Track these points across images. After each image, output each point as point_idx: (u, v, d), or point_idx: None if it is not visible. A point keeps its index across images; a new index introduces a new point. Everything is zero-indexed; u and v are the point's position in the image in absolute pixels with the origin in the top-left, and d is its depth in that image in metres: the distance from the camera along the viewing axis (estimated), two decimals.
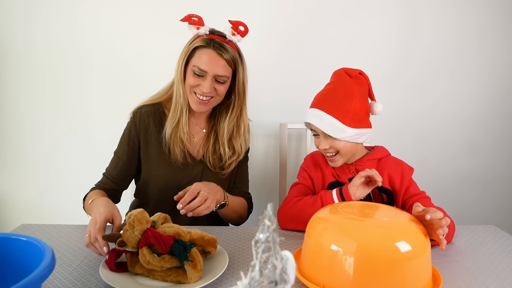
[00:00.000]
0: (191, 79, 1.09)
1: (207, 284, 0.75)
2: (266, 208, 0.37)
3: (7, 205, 1.79)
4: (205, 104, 1.12)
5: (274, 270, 0.37)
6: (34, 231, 1.03)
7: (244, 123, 1.22)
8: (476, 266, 0.87)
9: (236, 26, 1.10)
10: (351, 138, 1.02)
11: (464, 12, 1.69)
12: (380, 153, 1.10)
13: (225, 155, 1.20)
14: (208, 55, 1.07)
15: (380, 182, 0.95)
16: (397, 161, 1.09)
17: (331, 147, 1.04)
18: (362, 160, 1.08)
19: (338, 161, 1.06)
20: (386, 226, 0.76)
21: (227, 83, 1.12)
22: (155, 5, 1.64)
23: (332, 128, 1.01)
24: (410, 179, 1.06)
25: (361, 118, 1.03)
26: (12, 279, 0.57)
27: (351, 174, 1.07)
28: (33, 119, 1.72)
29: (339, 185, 1.06)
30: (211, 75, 1.07)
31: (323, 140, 1.04)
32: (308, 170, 1.15)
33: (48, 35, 1.65)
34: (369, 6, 1.67)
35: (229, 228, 1.08)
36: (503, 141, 1.80)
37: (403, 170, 1.05)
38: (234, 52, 1.11)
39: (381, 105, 1.09)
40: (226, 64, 1.08)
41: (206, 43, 1.08)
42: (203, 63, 1.06)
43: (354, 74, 1.05)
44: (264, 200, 1.81)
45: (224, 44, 1.08)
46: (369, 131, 1.06)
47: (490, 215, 1.85)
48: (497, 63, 1.74)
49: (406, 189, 1.04)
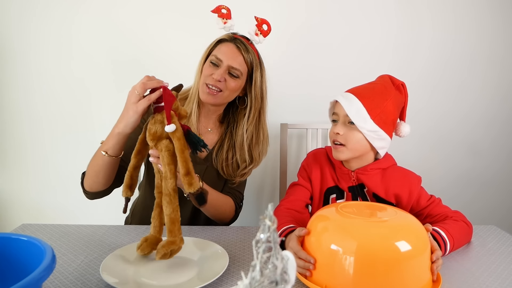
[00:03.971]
0: (207, 69, 1.12)
1: (207, 284, 0.75)
2: (267, 208, 0.37)
3: (8, 205, 1.80)
4: (213, 96, 1.11)
5: (275, 270, 0.37)
6: (34, 231, 1.03)
7: (264, 130, 1.21)
8: (476, 266, 0.87)
9: (261, 24, 1.14)
10: (369, 133, 0.97)
11: (463, 11, 1.69)
12: (386, 162, 1.04)
13: (242, 163, 1.18)
14: (228, 47, 1.11)
15: None
16: (404, 172, 1.03)
17: (345, 134, 0.99)
18: (365, 168, 1.01)
19: (342, 153, 1.00)
20: (386, 225, 0.76)
21: (240, 80, 1.12)
22: (156, 4, 1.64)
23: (357, 114, 0.96)
24: (419, 190, 1.00)
25: (386, 121, 0.99)
26: (12, 279, 0.57)
27: (351, 182, 1.03)
28: (33, 119, 1.72)
29: (337, 191, 1.05)
30: (225, 65, 1.10)
31: (340, 124, 1.00)
32: (308, 169, 1.12)
33: (48, 35, 1.65)
34: (371, 7, 1.67)
35: (229, 228, 1.08)
36: (502, 140, 1.81)
37: (411, 184, 0.99)
38: (254, 55, 1.14)
39: (408, 127, 1.05)
40: (243, 61, 1.12)
41: (229, 38, 1.13)
42: (221, 53, 1.11)
43: (397, 83, 1.03)
44: (265, 200, 1.81)
45: (246, 44, 1.12)
46: (388, 140, 1.00)
47: (488, 215, 1.85)
48: (497, 63, 1.74)
49: (416, 202, 1.00)
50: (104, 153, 0.95)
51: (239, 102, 1.20)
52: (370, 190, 1.01)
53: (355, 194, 1.03)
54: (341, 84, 1.28)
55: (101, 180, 1.01)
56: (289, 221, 0.95)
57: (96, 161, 0.99)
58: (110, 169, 0.99)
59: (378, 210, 0.84)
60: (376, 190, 1.00)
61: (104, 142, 0.97)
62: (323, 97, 1.71)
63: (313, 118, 1.73)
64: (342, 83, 1.28)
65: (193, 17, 1.65)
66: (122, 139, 0.94)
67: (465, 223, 0.97)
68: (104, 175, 1.00)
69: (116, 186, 1.08)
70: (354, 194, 1.03)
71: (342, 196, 1.05)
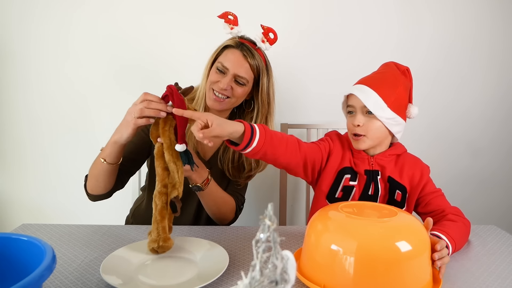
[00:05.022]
0: (213, 75, 1.12)
1: (207, 284, 0.75)
2: (267, 208, 0.37)
3: (8, 205, 1.80)
4: (220, 103, 1.12)
5: (275, 270, 0.37)
6: (34, 231, 1.03)
7: None
8: (476, 266, 0.87)
9: (267, 32, 1.13)
10: (387, 121, 1.01)
11: (463, 11, 1.69)
12: (399, 149, 1.09)
13: (248, 165, 1.19)
14: (234, 55, 1.11)
15: None
16: (415, 158, 1.09)
17: (365, 125, 1.01)
18: (384, 154, 1.05)
19: (364, 142, 1.03)
20: (387, 225, 0.76)
21: (246, 87, 1.13)
22: (157, 5, 1.64)
23: (375, 104, 1.00)
24: (428, 177, 1.06)
25: (400, 106, 1.03)
26: (12, 279, 0.57)
27: (369, 166, 1.05)
28: (33, 119, 1.72)
29: (352, 173, 1.05)
30: (231, 73, 1.10)
31: (359, 115, 1.02)
32: (331, 143, 1.10)
33: (48, 35, 1.65)
34: (371, 6, 1.67)
35: (229, 228, 1.08)
36: (500, 139, 1.81)
37: (423, 169, 1.05)
38: (261, 60, 1.13)
39: (416, 108, 1.08)
40: (249, 68, 1.11)
41: (235, 44, 1.12)
42: (227, 61, 1.11)
43: (402, 68, 1.07)
44: (264, 200, 1.81)
45: (252, 50, 1.12)
46: (403, 124, 1.05)
47: (486, 213, 1.85)
48: (496, 61, 1.74)
49: (423, 187, 1.04)
50: (102, 160, 0.98)
51: (246, 105, 1.21)
52: (386, 175, 1.04)
53: (370, 178, 1.05)
54: (342, 84, 1.28)
55: (101, 184, 1.03)
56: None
57: (96, 166, 1.02)
58: (109, 175, 1.02)
59: (379, 210, 0.84)
60: (392, 174, 1.05)
61: (103, 150, 1.00)
62: (323, 97, 1.73)
63: (313, 118, 1.73)
64: (343, 83, 1.28)
65: (194, 17, 1.65)
66: (118, 148, 0.97)
67: (463, 222, 0.97)
68: (103, 180, 1.02)
69: (116, 189, 1.10)
70: (369, 178, 1.05)
71: (355, 179, 1.06)
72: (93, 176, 1.03)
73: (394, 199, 1.04)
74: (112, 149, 0.97)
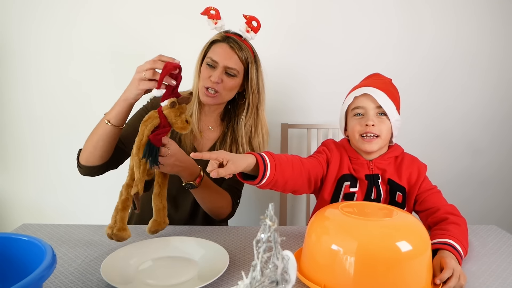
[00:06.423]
0: (205, 71, 1.14)
1: (208, 284, 0.75)
2: (267, 208, 0.37)
3: (8, 205, 1.80)
4: (212, 98, 1.14)
5: (275, 270, 0.37)
6: (35, 231, 1.03)
7: (262, 124, 1.23)
8: (477, 266, 0.87)
9: (250, 21, 1.15)
10: (396, 122, 1.04)
11: (463, 11, 1.69)
12: (397, 150, 1.09)
13: None
14: (222, 48, 1.13)
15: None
16: (412, 158, 1.10)
17: (377, 126, 1.01)
18: (383, 157, 1.06)
19: (377, 143, 1.02)
20: (387, 225, 0.76)
21: (237, 79, 1.15)
22: (158, 5, 1.64)
23: (388, 106, 1.02)
24: (425, 175, 1.06)
25: (399, 110, 1.07)
26: (13, 279, 0.57)
27: (369, 171, 1.05)
28: (34, 119, 1.72)
29: (351, 179, 1.05)
30: (221, 66, 1.12)
31: (372, 116, 1.02)
32: (328, 153, 1.09)
33: (49, 35, 1.65)
34: (371, 6, 1.67)
35: (230, 228, 1.08)
36: (500, 139, 1.81)
37: (420, 167, 1.06)
38: (248, 51, 1.15)
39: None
40: (238, 59, 1.14)
41: (222, 38, 1.14)
42: (216, 55, 1.13)
43: (388, 79, 1.11)
44: (265, 200, 1.81)
45: (239, 41, 1.14)
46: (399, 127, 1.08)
47: (486, 213, 1.85)
48: (496, 62, 1.74)
49: (420, 185, 1.04)
50: (107, 121, 0.99)
51: (239, 98, 1.23)
52: (386, 177, 1.04)
53: (371, 182, 1.04)
54: (343, 84, 1.28)
55: (98, 152, 1.03)
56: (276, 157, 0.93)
57: (97, 132, 1.02)
58: (109, 141, 1.02)
59: (379, 210, 0.84)
60: (392, 176, 1.05)
61: (108, 112, 1.01)
62: (323, 97, 1.73)
63: (313, 118, 1.73)
64: (343, 83, 1.28)
65: (198, 19, 1.63)
66: (126, 107, 0.99)
67: (464, 223, 0.96)
68: (102, 146, 1.02)
69: (111, 166, 1.11)
70: (370, 182, 1.04)
71: (355, 185, 1.05)
72: (91, 142, 1.03)
73: (395, 201, 1.04)
74: (120, 107, 0.98)
